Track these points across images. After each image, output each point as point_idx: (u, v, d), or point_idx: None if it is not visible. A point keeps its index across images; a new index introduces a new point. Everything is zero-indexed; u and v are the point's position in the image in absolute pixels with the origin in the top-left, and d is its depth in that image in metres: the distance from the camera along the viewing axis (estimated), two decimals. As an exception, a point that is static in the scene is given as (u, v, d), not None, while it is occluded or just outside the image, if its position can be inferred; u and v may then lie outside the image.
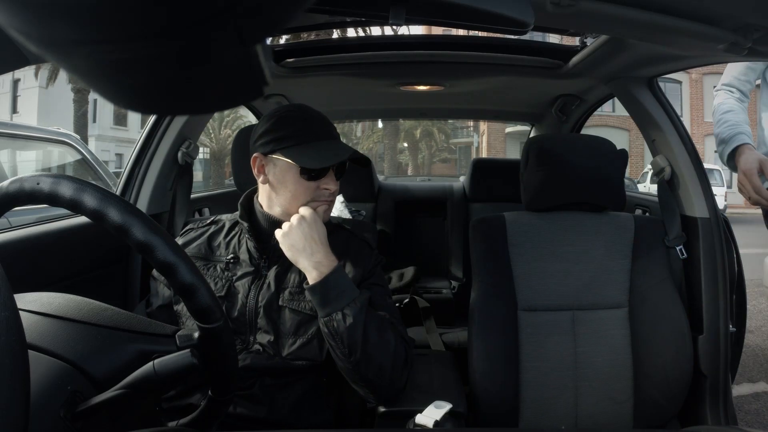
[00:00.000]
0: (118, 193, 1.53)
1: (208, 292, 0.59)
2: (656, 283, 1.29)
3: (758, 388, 2.65)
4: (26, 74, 17.35)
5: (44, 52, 0.21)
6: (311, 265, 0.94)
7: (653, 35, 1.06)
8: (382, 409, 1.01)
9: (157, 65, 0.22)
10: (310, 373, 1.01)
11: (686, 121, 17.39)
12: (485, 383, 1.20)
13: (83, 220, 1.31)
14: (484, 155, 20.62)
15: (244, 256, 1.05)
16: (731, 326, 1.37)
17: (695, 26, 0.93)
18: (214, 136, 18.39)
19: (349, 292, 0.94)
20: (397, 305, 2.11)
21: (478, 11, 0.75)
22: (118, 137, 20.92)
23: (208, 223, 1.13)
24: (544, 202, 1.34)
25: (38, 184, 0.56)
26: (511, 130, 20.06)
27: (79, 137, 3.84)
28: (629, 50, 1.30)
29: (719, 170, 14.71)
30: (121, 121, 21.34)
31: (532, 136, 2.58)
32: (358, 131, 26.89)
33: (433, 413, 0.90)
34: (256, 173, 1.05)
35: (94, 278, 1.33)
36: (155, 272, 1.09)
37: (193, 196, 1.75)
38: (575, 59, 1.53)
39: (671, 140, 1.45)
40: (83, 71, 0.23)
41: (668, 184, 1.48)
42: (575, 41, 1.51)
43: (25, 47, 0.28)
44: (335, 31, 6.47)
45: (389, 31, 3.17)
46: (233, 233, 1.09)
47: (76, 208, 0.56)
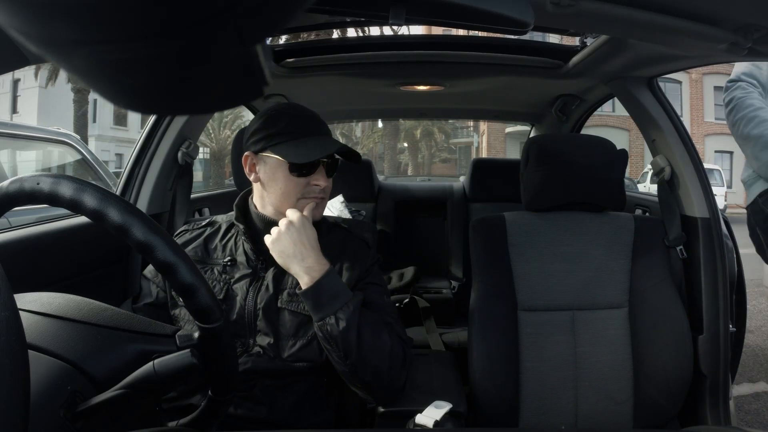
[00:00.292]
0: (118, 193, 1.53)
1: (208, 292, 0.59)
2: (656, 283, 1.29)
3: (758, 388, 2.65)
4: (26, 74, 17.35)
5: (44, 52, 0.21)
6: (303, 270, 0.93)
7: (653, 35, 1.06)
8: (382, 409, 1.01)
9: (157, 65, 0.22)
10: (310, 373, 1.01)
11: (686, 121, 17.39)
12: (485, 383, 1.20)
13: (83, 220, 1.31)
14: (484, 155, 20.62)
15: (241, 258, 1.04)
16: (731, 326, 1.37)
17: (695, 26, 0.93)
18: (214, 136, 18.39)
19: (342, 295, 0.93)
20: (397, 305, 2.12)
21: (478, 11, 0.75)
22: (118, 137, 20.92)
23: (203, 225, 1.12)
24: (544, 202, 1.34)
25: (38, 184, 0.56)
26: (511, 130, 20.07)
27: (79, 137, 3.84)
28: (629, 50, 1.30)
29: (719, 170, 14.72)
30: (121, 121, 21.34)
31: (532, 136, 2.58)
32: (358, 131, 26.89)
33: (433, 413, 0.90)
34: (247, 172, 1.05)
35: (94, 278, 1.33)
36: (146, 271, 1.09)
37: (193, 196, 1.75)
38: (575, 59, 1.53)
39: (671, 140, 1.45)
40: (83, 71, 0.23)
41: (668, 184, 1.48)
42: (575, 41, 1.51)
43: (25, 47, 0.28)
44: (335, 31, 6.47)
45: (389, 31, 3.17)
46: (230, 235, 1.08)
47: (76, 208, 0.56)
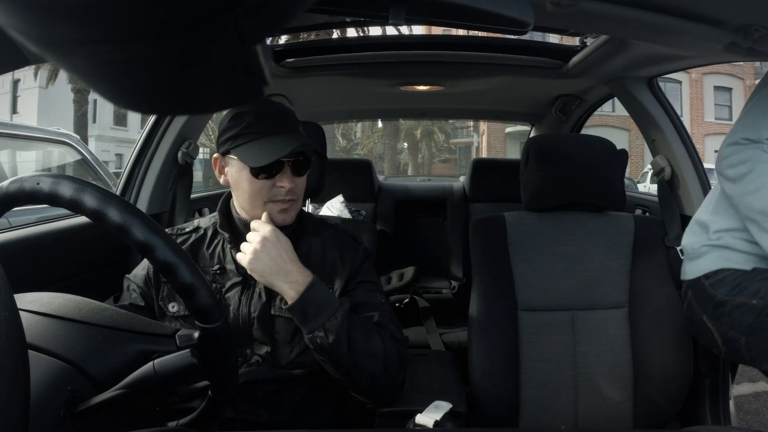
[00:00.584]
0: (118, 193, 1.53)
1: (208, 291, 0.59)
2: (656, 283, 1.29)
3: (758, 387, 2.65)
4: (26, 75, 17.34)
5: (44, 52, 0.21)
6: (287, 285, 0.90)
7: (653, 35, 1.06)
8: (382, 409, 1.01)
9: (157, 65, 0.22)
10: (310, 377, 1.00)
11: (686, 121, 17.38)
12: (485, 383, 1.20)
13: (83, 220, 1.31)
14: (484, 155, 20.61)
15: (230, 266, 1.00)
16: (731, 326, 1.37)
17: (695, 26, 0.93)
18: (214, 136, 18.37)
19: (328, 305, 0.90)
20: (397, 305, 2.12)
21: (478, 11, 0.75)
22: (118, 137, 20.91)
23: (187, 231, 1.07)
24: (544, 202, 1.34)
25: (38, 184, 0.56)
26: (511, 130, 20.06)
27: (79, 137, 3.84)
28: (629, 50, 1.30)
29: (719, 170, 14.71)
30: (121, 121, 21.34)
31: (532, 136, 2.58)
32: (358, 131, 26.88)
33: (433, 413, 0.90)
34: (217, 174, 1.03)
35: (94, 278, 1.33)
36: (131, 275, 1.05)
37: (193, 196, 1.75)
38: (575, 59, 1.53)
39: (671, 140, 1.45)
40: (83, 71, 0.23)
41: (668, 184, 1.48)
42: (575, 41, 1.51)
43: (25, 47, 0.28)
44: (335, 31, 6.47)
45: (389, 31, 3.17)
46: (216, 241, 1.04)
47: (76, 208, 0.56)
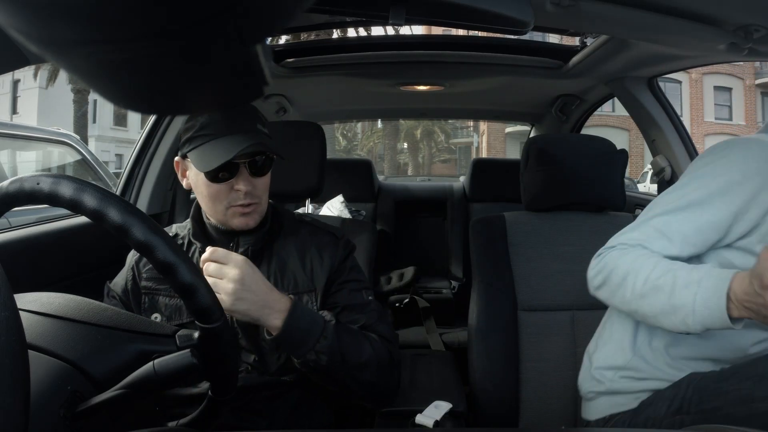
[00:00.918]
0: (118, 193, 1.53)
1: (208, 291, 0.59)
2: (656, 283, 1.29)
3: None
4: (26, 75, 17.34)
5: (44, 52, 0.21)
6: (272, 317, 0.83)
7: (653, 35, 1.06)
8: (382, 409, 1.01)
9: (157, 65, 0.22)
10: (302, 381, 0.98)
11: (686, 121, 17.38)
12: (485, 383, 1.21)
13: (83, 220, 1.31)
14: (484, 155, 20.61)
15: None
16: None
17: (695, 26, 0.93)
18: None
19: (313, 328, 0.86)
20: (397, 305, 2.12)
21: (478, 11, 0.75)
22: (118, 138, 20.91)
23: None
24: (544, 202, 1.34)
25: (38, 184, 0.56)
26: (511, 130, 20.06)
27: (78, 137, 3.84)
28: (629, 50, 1.30)
29: (719, 170, 14.71)
30: (121, 121, 21.34)
31: (532, 136, 2.58)
32: (358, 131, 26.88)
33: (433, 413, 0.90)
34: (180, 178, 0.99)
35: (94, 278, 1.33)
36: (111, 282, 1.04)
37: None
38: (575, 59, 1.53)
39: (671, 140, 1.45)
40: (83, 71, 0.23)
41: (668, 184, 1.48)
42: (575, 41, 1.51)
43: (25, 47, 0.28)
44: (335, 31, 6.47)
45: (390, 31, 3.17)
46: (192, 250, 1.00)
47: (76, 208, 0.56)
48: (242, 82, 0.26)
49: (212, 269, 0.83)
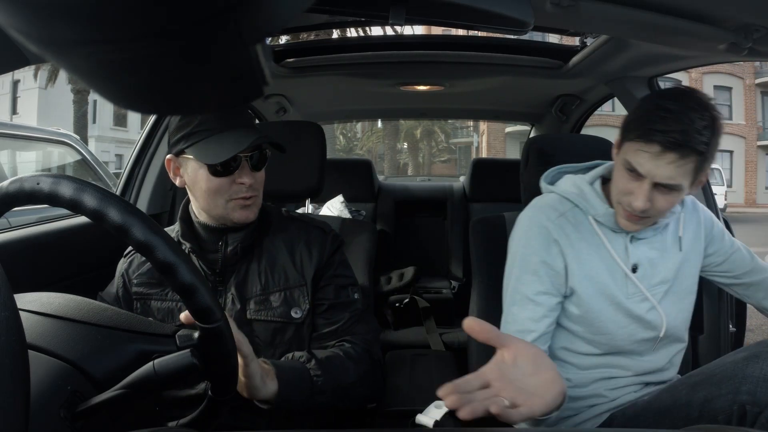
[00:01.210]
0: (118, 193, 1.53)
1: (208, 291, 0.59)
2: (656, 283, 1.29)
3: None
4: (26, 75, 17.35)
5: (44, 52, 0.21)
6: (268, 384, 0.82)
7: (653, 35, 1.06)
8: (382, 409, 1.01)
9: (157, 65, 0.22)
10: None
11: (686, 121, 17.31)
12: (485, 383, 1.20)
13: (83, 220, 1.31)
14: (484, 155, 20.61)
15: None
16: (731, 326, 1.37)
17: (695, 26, 0.93)
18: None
19: (302, 374, 0.86)
20: (397, 305, 2.12)
21: (478, 11, 0.75)
22: (117, 138, 20.92)
23: None
24: (544, 202, 1.34)
25: (38, 184, 0.56)
26: (511, 130, 20.06)
27: (78, 138, 3.84)
28: (629, 50, 1.30)
29: (719, 169, 14.72)
30: (121, 121, 21.34)
31: (532, 136, 2.58)
32: (358, 131, 26.88)
33: (433, 413, 0.90)
34: (172, 177, 1.00)
35: (94, 278, 1.33)
36: (103, 292, 1.05)
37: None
38: (575, 59, 1.53)
39: (671, 140, 1.44)
40: (83, 71, 0.23)
41: (668, 184, 1.48)
42: (575, 41, 1.51)
43: (25, 47, 0.28)
44: (335, 31, 6.47)
45: (390, 31, 3.17)
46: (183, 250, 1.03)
47: (76, 208, 0.56)
48: (242, 82, 0.26)
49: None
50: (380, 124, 22.08)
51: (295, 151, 1.19)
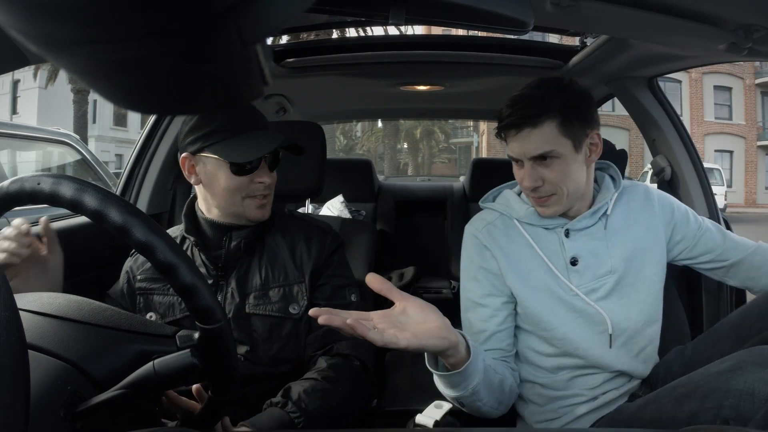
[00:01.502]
0: (118, 193, 1.53)
1: (208, 292, 0.59)
2: (656, 283, 1.29)
3: None
4: (26, 75, 17.35)
5: (44, 52, 0.21)
6: None
7: (653, 35, 1.06)
8: (382, 409, 1.01)
9: (157, 65, 0.22)
10: (295, 373, 0.99)
11: (686, 120, 17.39)
12: (485, 383, 1.20)
13: (83, 220, 1.31)
14: (484, 155, 20.61)
15: (201, 269, 1.01)
16: (731, 326, 1.37)
17: (695, 26, 0.93)
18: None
19: (279, 423, 0.86)
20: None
21: (478, 11, 0.75)
22: (118, 138, 20.92)
23: None
24: (544, 202, 1.34)
25: (39, 184, 0.56)
26: (511, 130, 20.00)
27: (78, 137, 3.84)
28: (629, 50, 1.30)
29: (719, 169, 14.73)
30: (121, 121, 21.34)
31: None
32: (358, 131, 26.89)
33: (433, 413, 0.90)
34: (187, 175, 1.02)
35: (94, 278, 1.33)
36: (110, 290, 1.08)
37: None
38: (575, 59, 1.53)
39: (671, 140, 1.45)
40: (83, 71, 0.23)
41: (668, 184, 1.48)
42: (575, 41, 1.51)
43: (25, 47, 0.28)
44: (335, 31, 6.48)
45: (390, 31, 3.17)
46: (185, 246, 1.05)
47: (76, 208, 0.56)
48: (242, 82, 0.26)
49: None
50: (380, 124, 22.09)
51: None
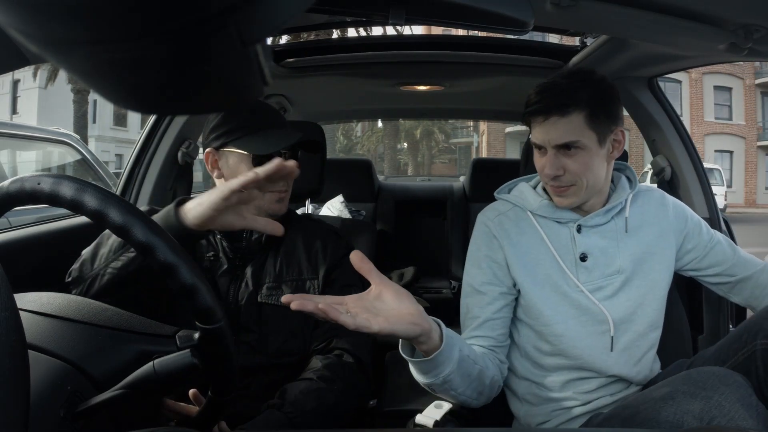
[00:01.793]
0: (118, 193, 1.53)
1: (208, 292, 0.59)
2: (656, 283, 1.29)
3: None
4: (26, 75, 17.35)
5: (44, 52, 0.21)
6: None
7: (653, 35, 1.06)
8: (382, 409, 1.01)
9: (156, 65, 0.22)
10: (300, 366, 1.00)
11: (686, 120, 17.39)
12: (485, 383, 1.20)
13: (83, 220, 1.31)
14: (484, 155, 20.62)
15: (221, 254, 1.06)
16: (731, 326, 1.37)
17: (695, 26, 0.93)
18: (214, 136, 18.33)
19: (277, 422, 0.87)
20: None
21: (478, 11, 0.75)
22: (118, 138, 20.91)
23: None
24: (544, 202, 1.34)
25: (39, 184, 0.56)
26: (511, 130, 20.07)
27: (78, 137, 3.84)
28: (629, 50, 1.30)
29: (719, 169, 14.73)
30: (121, 121, 21.34)
31: (532, 136, 2.58)
32: (358, 131, 26.89)
33: (433, 413, 0.90)
34: (210, 169, 1.07)
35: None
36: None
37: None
38: (575, 59, 1.53)
39: (671, 140, 1.45)
40: (83, 71, 0.23)
41: (668, 184, 1.48)
42: (575, 41, 1.51)
43: (25, 47, 0.28)
44: (335, 31, 6.48)
45: (390, 30, 3.17)
46: (210, 234, 1.08)
47: (76, 208, 0.56)
48: (242, 82, 0.26)
49: None
50: (380, 124, 22.09)
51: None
